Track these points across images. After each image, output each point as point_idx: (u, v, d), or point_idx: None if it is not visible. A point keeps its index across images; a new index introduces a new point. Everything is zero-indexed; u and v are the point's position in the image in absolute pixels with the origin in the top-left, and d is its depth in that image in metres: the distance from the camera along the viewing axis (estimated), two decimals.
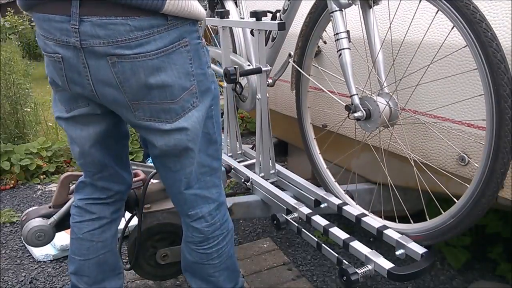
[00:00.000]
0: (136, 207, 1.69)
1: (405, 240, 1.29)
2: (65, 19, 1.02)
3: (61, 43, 1.05)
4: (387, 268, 1.22)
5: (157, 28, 1.04)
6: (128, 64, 1.05)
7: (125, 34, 1.02)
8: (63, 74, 1.11)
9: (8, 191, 3.00)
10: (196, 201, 1.28)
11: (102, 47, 1.03)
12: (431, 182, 1.31)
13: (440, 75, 1.30)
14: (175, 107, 1.13)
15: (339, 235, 1.39)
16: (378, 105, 1.27)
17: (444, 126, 1.32)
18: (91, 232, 1.37)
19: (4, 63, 3.52)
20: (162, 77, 1.08)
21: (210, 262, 1.32)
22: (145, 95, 1.10)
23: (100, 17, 1.01)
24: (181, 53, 1.09)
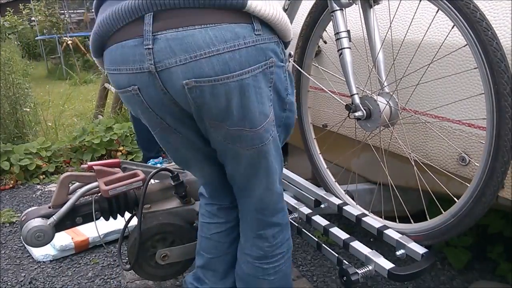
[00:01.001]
0: (136, 207, 1.69)
1: (405, 240, 1.29)
2: (139, 41, 0.89)
3: (135, 71, 0.92)
4: (387, 268, 1.22)
5: (243, 39, 0.90)
6: (208, 88, 0.91)
7: (205, 47, 0.87)
8: (147, 106, 0.98)
9: (8, 191, 3.00)
10: (264, 224, 1.25)
11: (178, 66, 0.89)
12: (432, 182, 1.30)
13: (441, 74, 1.30)
14: (253, 135, 1.02)
15: (339, 235, 1.39)
16: (379, 105, 1.27)
17: (445, 125, 1.31)
18: (219, 234, 1.37)
19: (4, 63, 3.52)
20: (244, 102, 0.95)
21: (266, 277, 1.27)
22: (223, 118, 0.98)
23: (176, 29, 0.87)
24: (265, 75, 0.96)
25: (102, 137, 3.40)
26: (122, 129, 3.53)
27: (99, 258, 2.14)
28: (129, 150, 3.47)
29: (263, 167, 1.13)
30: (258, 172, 1.14)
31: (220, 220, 1.37)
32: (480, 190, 1.10)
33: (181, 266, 1.73)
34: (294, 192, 1.69)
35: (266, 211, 1.23)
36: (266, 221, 1.24)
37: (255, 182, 1.17)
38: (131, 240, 1.66)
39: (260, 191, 1.19)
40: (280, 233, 1.27)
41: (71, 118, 4.71)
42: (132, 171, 1.67)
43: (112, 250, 2.19)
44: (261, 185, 1.18)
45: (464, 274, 1.89)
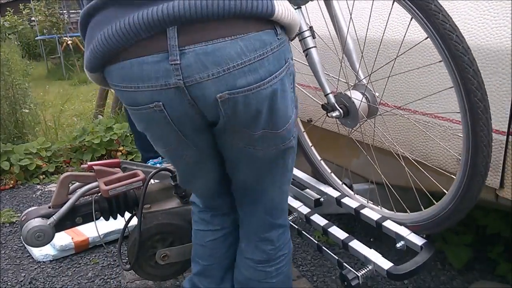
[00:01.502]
0: (136, 207, 1.69)
1: (404, 232, 1.28)
2: (162, 57, 0.85)
3: (159, 88, 0.88)
4: (386, 268, 1.22)
5: (270, 46, 0.89)
6: (241, 98, 0.90)
7: (237, 58, 0.86)
8: (169, 121, 0.94)
9: (8, 191, 3.00)
10: (270, 226, 1.25)
11: (211, 80, 0.86)
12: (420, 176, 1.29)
13: (410, 67, 1.28)
14: (275, 137, 1.02)
15: (338, 235, 1.39)
16: (354, 102, 1.23)
17: (422, 119, 1.29)
18: (214, 241, 1.35)
19: (4, 63, 3.52)
20: (272, 107, 0.95)
21: (268, 280, 1.26)
22: (251, 125, 0.97)
23: (206, 43, 0.84)
24: (287, 77, 0.96)
25: (102, 137, 3.40)
26: (122, 129, 3.53)
27: (99, 258, 2.14)
28: (129, 150, 3.47)
29: (280, 166, 1.12)
30: (274, 171, 1.13)
31: (215, 227, 1.35)
32: (465, 184, 1.08)
33: (181, 266, 1.73)
34: (294, 192, 1.68)
35: (275, 211, 1.22)
36: (273, 223, 1.24)
37: (269, 183, 1.16)
38: (131, 240, 1.66)
39: (273, 191, 1.18)
40: (283, 234, 1.27)
41: (71, 118, 4.71)
42: (132, 171, 1.67)
43: (112, 250, 2.19)
44: (275, 185, 1.17)
45: (464, 274, 1.88)
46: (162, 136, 1.03)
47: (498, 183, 1.23)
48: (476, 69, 0.96)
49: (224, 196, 1.31)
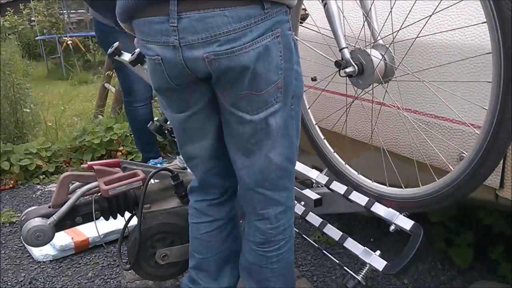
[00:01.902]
0: (136, 207, 1.69)
1: (392, 215, 1.27)
2: (164, 19, 1.03)
3: (161, 44, 1.06)
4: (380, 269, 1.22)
5: (254, 18, 1.02)
6: (225, 60, 1.04)
7: (223, 27, 1.01)
8: (166, 74, 1.11)
9: (8, 191, 3.00)
10: (265, 201, 1.25)
11: (200, 43, 1.02)
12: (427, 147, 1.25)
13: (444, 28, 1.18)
14: (258, 99, 1.11)
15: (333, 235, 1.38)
16: (372, 59, 1.17)
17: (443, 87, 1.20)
18: (209, 233, 1.38)
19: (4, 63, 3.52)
20: (255, 67, 1.06)
21: (269, 266, 1.28)
22: (235, 84, 1.09)
23: (198, 11, 1.00)
24: (274, 44, 1.07)
25: (102, 137, 3.40)
26: (122, 129, 3.53)
27: (99, 258, 2.14)
28: (129, 150, 3.48)
29: (265, 133, 1.16)
30: (260, 139, 1.16)
31: (208, 218, 1.38)
32: (479, 160, 1.02)
33: (181, 266, 1.73)
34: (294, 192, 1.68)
35: (266, 183, 1.22)
36: (267, 196, 1.23)
37: (255, 150, 1.18)
38: (131, 240, 1.66)
39: (260, 160, 1.19)
40: (284, 214, 1.26)
41: (71, 118, 4.71)
42: (132, 171, 1.67)
43: (112, 250, 2.19)
44: (260, 152, 1.18)
45: (464, 274, 1.89)
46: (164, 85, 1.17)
47: (498, 183, 1.23)
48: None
49: (220, 176, 1.33)
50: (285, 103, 1.14)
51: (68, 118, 4.64)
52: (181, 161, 3.06)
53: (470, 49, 1.15)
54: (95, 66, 8.69)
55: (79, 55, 9.01)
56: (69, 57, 8.79)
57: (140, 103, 2.91)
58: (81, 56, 9.09)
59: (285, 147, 1.20)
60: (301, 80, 1.20)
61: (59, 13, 9.12)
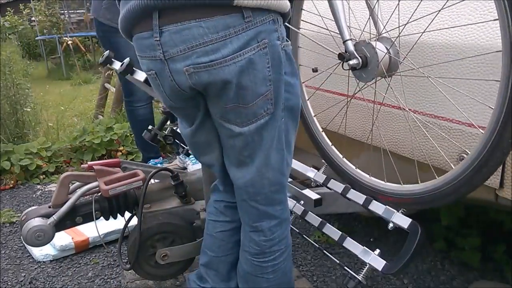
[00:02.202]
0: (136, 207, 1.69)
1: (389, 214, 1.27)
2: (150, 34, 1.04)
3: (151, 58, 1.08)
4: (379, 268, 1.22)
5: (234, 28, 1.00)
6: (205, 74, 1.03)
7: (199, 38, 1.00)
8: (163, 90, 1.12)
9: (8, 191, 3.00)
10: (258, 215, 1.24)
11: (180, 55, 1.02)
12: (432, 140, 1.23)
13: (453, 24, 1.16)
14: (246, 111, 1.09)
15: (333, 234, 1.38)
16: (377, 52, 1.15)
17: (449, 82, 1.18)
18: (224, 233, 1.38)
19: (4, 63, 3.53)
20: (238, 80, 1.04)
21: (265, 276, 1.27)
22: (219, 97, 1.08)
23: (176, 24, 1.00)
24: (259, 56, 1.04)
25: (102, 137, 3.40)
26: (122, 129, 3.53)
27: (99, 258, 2.14)
28: (129, 150, 3.48)
29: (256, 147, 1.14)
30: (253, 151, 1.15)
31: (226, 218, 1.37)
32: (483, 158, 1.00)
33: (181, 265, 1.74)
34: (294, 192, 1.69)
35: (258, 197, 1.21)
36: (261, 210, 1.23)
37: (248, 163, 1.17)
38: (131, 240, 1.66)
39: (252, 173, 1.18)
40: (278, 227, 1.25)
41: (71, 118, 4.71)
42: (132, 171, 1.67)
43: (112, 250, 2.19)
44: (253, 165, 1.17)
45: (464, 274, 1.89)
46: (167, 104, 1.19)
47: (498, 183, 1.23)
48: None
49: None
50: (275, 115, 1.12)
51: (68, 118, 4.65)
52: (181, 161, 3.06)
53: (477, 48, 1.14)
54: (95, 66, 8.69)
55: (79, 55, 9.01)
56: (69, 57, 8.80)
57: (140, 103, 2.91)
58: (81, 56, 9.10)
59: (278, 160, 1.18)
60: (295, 92, 1.16)
61: (60, 13, 9.12)
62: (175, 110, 1.21)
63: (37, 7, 8.94)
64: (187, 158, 2.97)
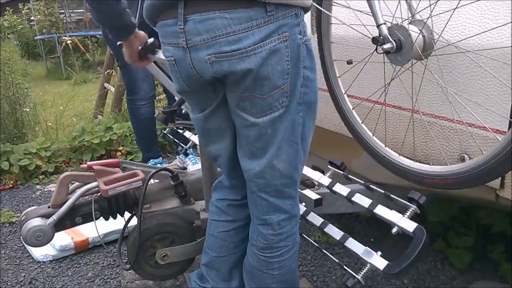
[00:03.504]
0: (136, 207, 1.69)
1: (395, 217, 1.27)
2: (174, 22, 1.08)
3: (174, 45, 1.11)
4: (381, 268, 1.22)
5: (256, 21, 1.03)
6: (226, 63, 1.06)
7: (223, 28, 1.03)
8: (179, 76, 1.16)
9: (7, 191, 2.99)
10: (267, 207, 1.24)
11: (202, 44, 1.06)
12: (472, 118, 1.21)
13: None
14: (262, 102, 1.11)
15: (334, 234, 1.38)
16: (411, 34, 1.15)
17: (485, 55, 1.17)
18: (226, 233, 1.38)
19: (3, 62, 3.52)
20: (258, 71, 1.06)
21: (270, 272, 1.27)
22: (237, 85, 1.10)
23: (201, 14, 1.04)
24: (280, 48, 1.06)
25: (101, 137, 3.40)
26: (122, 129, 3.53)
27: (99, 258, 2.14)
28: (128, 150, 3.47)
29: (270, 137, 1.15)
30: (266, 144, 1.16)
31: (228, 218, 1.38)
32: None
33: (181, 266, 1.73)
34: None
35: (269, 188, 1.21)
36: (270, 202, 1.22)
37: (260, 154, 1.18)
38: (131, 240, 1.66)
39: (263, 164, 1.18)
40: (287, 222, 1.25)
41: (71, 118, 4.71)
42: (131, 171, 1.67)
43: (112, 250, 2.19)
44: (264, 157, 1.17)
45: (464, 274, 1.89)
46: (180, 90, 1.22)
47: (498, 183, 1.23)
48: None
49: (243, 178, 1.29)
50: (291, 108, 1.12)
51: (67, 118, 4.64)
52: (181, 161, 3.06)
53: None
54: (95, 66, 8.69)
55: (78, 55, 9.00)
56: (69, 57, 8.79)
57: (143, 101, 2.91)
58: (81, 56, 9.09)
59: (291, 154, 1.18)
60: (313, 87, 1.17)
61: (59, 12, 9.11)
62: (188, 94, 1.22)
63: (36, 6, 8.93)
64: (187, 158, 2.97)
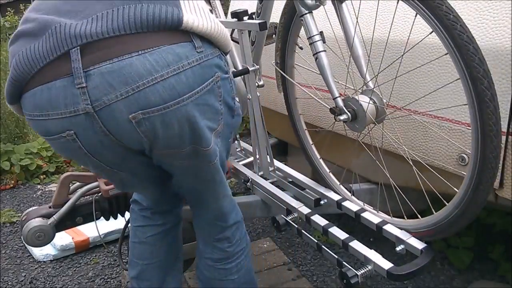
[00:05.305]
0: None
1: (404, 235, 1.28)
2: (68, 81, 0.81)
3: (69, 115, 0.83)
4: (386, 268, 1.22)
5: (187, 60, 0.84)
6: (158, 118, 0.84)
7: (147, 75, 0.80)
8: (86, 152, 0.90)
9: (8, 191, 3.00)
10: (221, 228, 1.27)
11: (120, 101, 0.81)
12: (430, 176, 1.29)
13: (417, 64, 1.30)
14: (209, 153, 1.01)
15: (339, 235, 1.39)
16: (362, 104, 1.23)
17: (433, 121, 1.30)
18: (155, 236, 1.31)
19: (4, 63, 3.53)
20: (197, 124, 0.90)
21: (229, 277, 1.27)
22: (178, 145, 0.93)
23: (111, 61, 0.79)
24: (213, 91, 0.92)
25: None
26: None
27: (100, 257, 2.14)
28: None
29: (218, 177, 1.16)
30: (216, 183, 1.17)
31: (156, 222, 1.33)
32: (476, 178, 1.06)
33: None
34: (294, 192, 1.68)
35: (224, 216, 1.26)
36: (225, 225, 1.26)
37: (214, 194, 1.20)
38: None
39: (220, 201, 1.22)
40: (238, 230, 1.29)
41: None
42: None
43: (113, 249, 2.19)
44: (219, 194, 1.21)
45: (464, 274, 1.89)
46: (86, 164, 0.99)
47: (497, 183, 1.23)
48: (481, 57, 0.97)
49: (167, 198, 1.31)
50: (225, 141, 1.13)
51: None
52: None
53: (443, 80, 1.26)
54: None
55: None
56: None
57: None
58: None
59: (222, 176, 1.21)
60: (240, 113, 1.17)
61: None
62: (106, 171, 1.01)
63: None
64: None
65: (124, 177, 1.08)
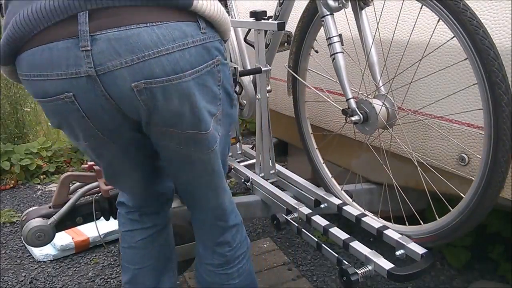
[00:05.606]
0: None
1: (405, 240, 1.29)
2: (72, 43, 0.80)
3: (69, 76, 0.83)
4: (387, 268, 1.22)
5: (192, 38, 0.86)
6: (159, 89, 0.86)
7: (153, 46, 0.82)
8: (83, 115, 0.89)
9: (8, 191, 3.00)
10: (222, 230, 1.25)
11: (125, 68, 0.82)
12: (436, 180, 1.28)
13: (433, 70, 1.30)
14: (208, 138, 1.00)
15: (339, 235, 1.39)
16: (374, 107, 1.26)
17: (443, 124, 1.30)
18: (145, 240, 1.29)
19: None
20: (196, 102, 0.91)
21: (231, 282, 1.25)
22: (176, 122, 0.93)
23: (119, 28, 0.80)
24: (213, 74, 0.93)
25: None
26: None
27: (100, 257, 2.14)
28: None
29: (217, 169, 1.12)
30: (214, 175, 1.13)
31: (144, 225, 1.30)
32: (485, 182, 1.06)
33: (181, 265, 1.73)
34: (294, 192, 1.69)
35: (225, 215, 1.23)
36: (226, 226, 1.24)
37: (214, 188, 1.17)
38: None
39: (219, 197, 1.19)
40: (238, 233, 1.26)
41: None
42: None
43: (113, 249, 2.19)
44: (218, 188, 1.18)
45: (464, 274, 1.89)
46: (78, 132, 0.96)
47: None
48: (500, 62, 0.99)
49: (154, 196, 1.28)
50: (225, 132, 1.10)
51: None
52: None
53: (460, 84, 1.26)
54: None
55: None
56: None
57: None
58: None
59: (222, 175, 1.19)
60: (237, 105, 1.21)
61: None
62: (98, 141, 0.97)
63: None
64: None
65: (115, 154, 1.05)
